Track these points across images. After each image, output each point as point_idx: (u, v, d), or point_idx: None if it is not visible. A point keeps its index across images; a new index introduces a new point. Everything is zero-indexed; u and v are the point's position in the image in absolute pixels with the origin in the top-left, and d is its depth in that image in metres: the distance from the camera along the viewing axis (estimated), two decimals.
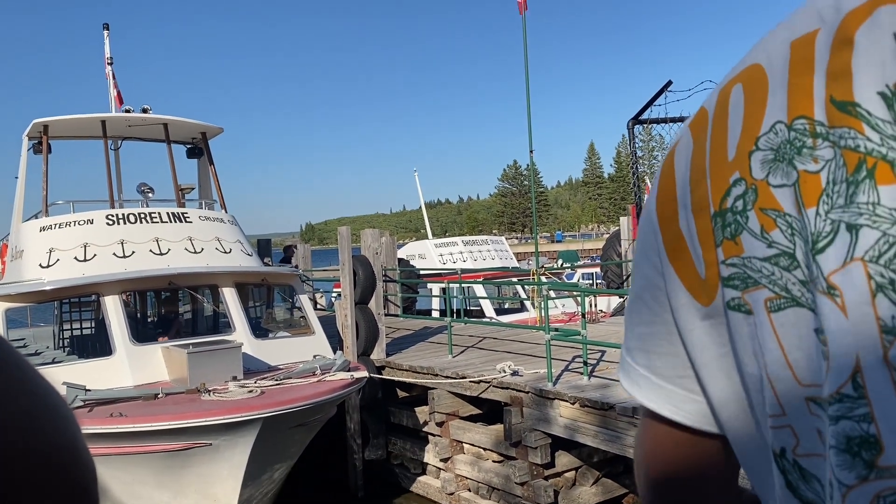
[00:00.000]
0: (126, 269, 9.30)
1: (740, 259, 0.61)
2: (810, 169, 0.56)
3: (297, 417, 7.70)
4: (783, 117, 0.58)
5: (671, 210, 0.68)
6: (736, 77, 0.64)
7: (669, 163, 0.70)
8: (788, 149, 0.57)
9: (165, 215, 10.05)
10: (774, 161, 0.58)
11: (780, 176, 0.58)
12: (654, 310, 0.71)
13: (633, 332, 0.75)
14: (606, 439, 7.75)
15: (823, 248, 0.55)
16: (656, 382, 0.73)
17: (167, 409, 7.40)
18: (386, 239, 15.88)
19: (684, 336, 0.69)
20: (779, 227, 0.58)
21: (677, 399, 0.72)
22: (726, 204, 0.61)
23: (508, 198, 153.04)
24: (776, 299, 0.58)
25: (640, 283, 0.73)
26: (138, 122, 11.16)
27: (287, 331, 10.67)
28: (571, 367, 9.20)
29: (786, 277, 0.58)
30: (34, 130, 10.75)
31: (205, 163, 12.24)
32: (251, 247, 11.17)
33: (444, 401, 9.93)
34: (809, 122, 0.56)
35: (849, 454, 0.54)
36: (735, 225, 0.61)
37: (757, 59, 0.63)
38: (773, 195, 0.58)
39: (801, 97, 0.57)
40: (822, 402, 0.56)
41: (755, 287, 0.60)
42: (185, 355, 8.22)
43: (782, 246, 0.58)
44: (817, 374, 0.56)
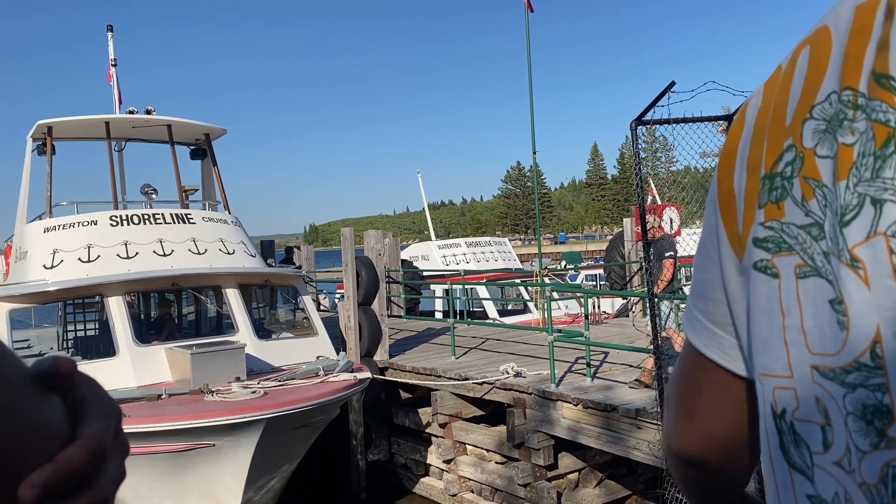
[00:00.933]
0: (130, 270, 9.31)
1: (779, 224, 0.62)
2: (847, 141, 0.56)
3: (301, 418, 7.70)
4: (836, 87, 0.58)
5: (730, 163, 0.69)
6: (806, 39, 0.64)
7: (740, 118, 0.71)
8: (834, 120, 0.57)
9: (169, 216, 10.06)
10: (825, 132, 0.58)
11: (825, 147, 0.58)
12: (713, 256, 0.73)
13: (697, 278, 0.77)
14: (609, 441, 7.74)
15: (849, 220, 0.55)
16: (708, 327, 0.74)
17: (170, 410, 7.41)
18: (389, 240, 15.88)
19: (726, 286, 0.71)
20: (816, 197, 0.58)
21: (726, 344, 0.73)
22: (777, 168, 0.62)
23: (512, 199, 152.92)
24: (804, 267, 0.59)
25: (705, 231, 0.75)
26: (142, 123, 11.17)
27: (290, 332, 10.67)
28: (574, 369, 9.20)
29: (813, 247, 0.59)
30: (38, 132, 10.77)
31: (208, 164, 12.26)
32: (255, 248, 11.17)
33: (447, 402, 9.92)
34: (854, 94, 0.56)
35: (864, 421, 0.55)
36: (781, 190, 0.62)
37: (826, 22, 0.62)
38: (817, 165, 0.59)
39: (852, 67, 0.57)
40: (826, 371, 0.57)
41: (788, 252, 0.61)
42: (188, 356, 8.23)
43: (816, 216, 0.58)
44: (826, 343, 0.57)
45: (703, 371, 0.77)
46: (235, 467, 7.51)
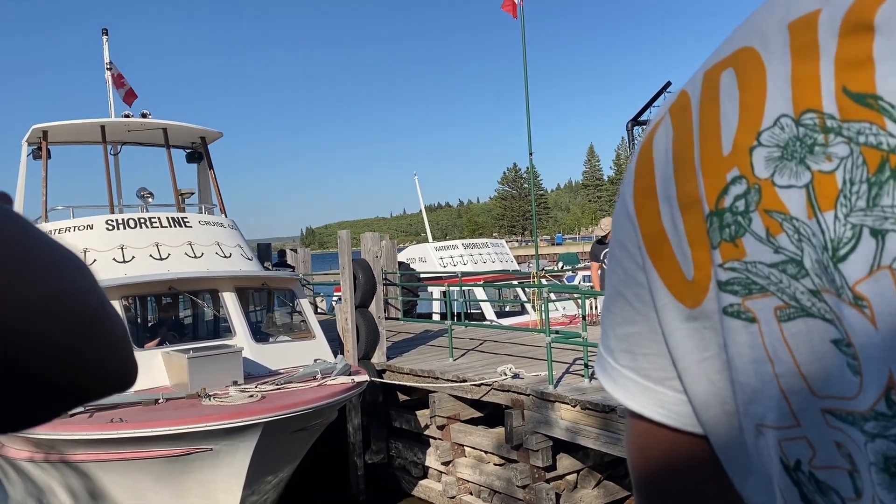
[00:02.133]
0: (126, 274, 9.30)
1: (742, 263, 0.56)
2: (824, 168, 0.51)
3: (298, 422, 7.69)
4: (788, 110, 0.53)
5: (651, 203, 0.63)
6: (725, 60, 0.59)
7: (647, 150, 0.64)
8: (798, 146, 0.52)
9: (165, 220, 10.05)
10: (781, 159, 0.53)
11: (787, 176, 0.53)
12: (637, 308, 0.66)
13: (615, 331, 0.69)
14: (608, 441, 7.74)
15: (845, 255, 0.50)
16: (643, 384, 0.67)
17: (168, 415, 7.39)
18: (386, 242, 15.86)
19: (667, 337, 0.64)
20: (785, 231, 0.53)
21: (667, 401, 0.66)
22: (724, 203, 0.56)
23: (508, 201, 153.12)
24: (785, 308, 0.54)
25: (620, 277, 0.67)
26: (138, 126, 11.16)
27: (287, 335, 10.67)
28: (572, 370, 9.20)
29: (794, 286, 0.53)
30: (33, 136, 10.76)
31: (204, 167, 12.25)
32: (251, 251, 11.16)
33: (445, 404, 9.91)
34: (819, 116, 0.52)
35: (887, 474, 0.50)
36: (735, 226, 0.56)
37: (749, 42, 0.57)
38: (779, 196, 0.53)
39: (807, 88, 0.52)
40: (843, 414, 0.53)
41: (761, 294, 0.55)
42: (185, 360, 8.21)
43: (789, 252, 0.53)
44: (837, 385, 0.52)
45: (650, 436, 0.70)
46: (233, 471, 7.49)
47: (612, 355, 0.70)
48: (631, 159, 0.68)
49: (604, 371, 0.72)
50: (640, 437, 0.71)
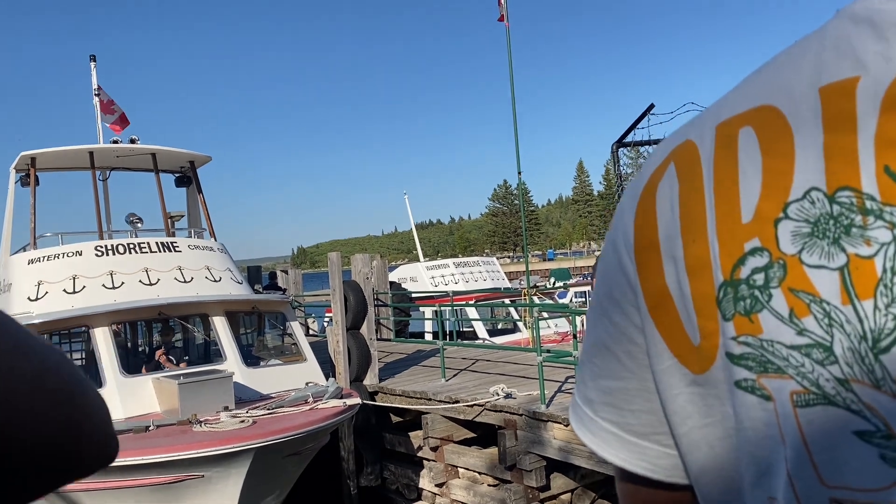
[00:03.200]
0: (116, 300, 9.27)
1: (757, 340, 0.53)
2: (862, 253, 0.48)
3: (290, 446, 7.66)
4: (820, 184, 0.50)
5: (654, 260, 0.59)
6: (742, 116, 0.56)
7: (649, 200, 0.61)
8: (832, 225, 0.49)
9: (155, 245, 10.04)
10: (811, 236, 0.50)
11: (818, 255, 0.50)
12: (627, 364, 0.63)
13: (597, 384, 0.66)
14: (601, 460, 7.70)
15: (888, 347, 0.47)
16: (628, 440, 0.65)
17: (158, 442, 7.35)
18: (377, 263, 15.87)
19: (665, 401, 0.61)
20: (813, 314, 0.50)
21: (653, 455, 0.65)
22: (740, 273, 0.53)
23: (500, 217, 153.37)
24: (804, 394, 0.51)
25: (608, 331, 0.64)
26: (126, 152, 11.17)
27: (279, 358, 10.63)
28: (564, 388, 9.19)
29: (818, 372, 0.50)
30: (22, 163, 10.75)
31: (193, 191, 12.25)
32: (241, 274, 11.15)
33: (438, 425, 9.89)
34: (857, 196, 0.48)
35: None
36: (752, 300, 0.53)
37: (770, 101, 0.54)
38: (808, 276, 0.50)
39: (843, 163, 0.49)
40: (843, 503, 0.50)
41: (777, 375, 0.52)
42: (175, 386, 8.18)
43: (817, 336, 0.50)
44: (856, 476, 0.50)
45: (634, 492, 0.69)
46: (225, 498, 7.45)
47: (591, 406, 0.68)
48: (627, 203, 0.64)
49: (580, 422, 0.70)
50: (629, 493, 0.70)
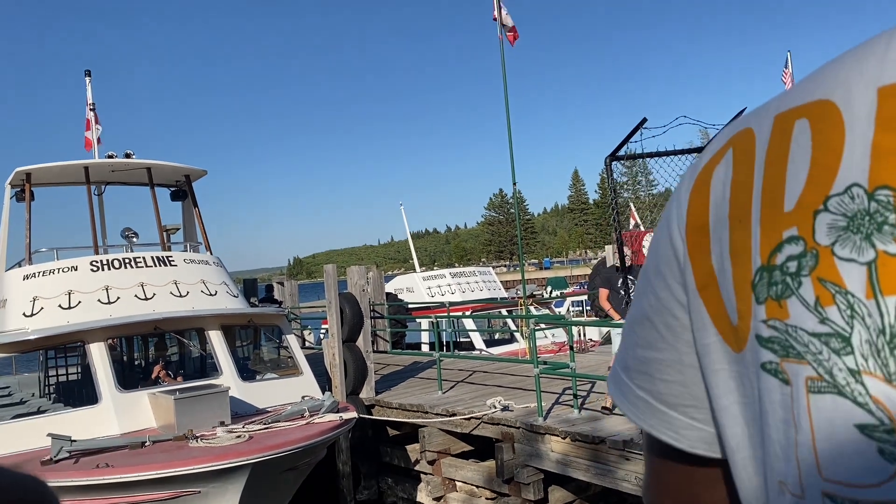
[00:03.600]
0: (111, 315, 9.25)
1: (783, 324, 0.54)
2: (891, 251, 0.49)
3: (287, 461, 7.63)
4: (863, 181, 0.51)
5: (704, 242, 0.61)
6: (800, 108, 0.57)
7: (704, 183, 0.62)
8: (867, 221, 0.51)
9: (150, 259, 10.03)
10: (846, 230, 0.51)
11: (849, 248, 0.51)
12: (666, 337, 0.65)
13: (635, 352, 0.69)
14: (598, 473, 7.72)
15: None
16: (658, 408, 0.67)
17: (154, 458, 7.32)
18: (373, 274, 15.87)
19: (707, 375, 0.62)
20: (837, 304, 0.51)
21: (679, 425, 0.67)
22: (776, 260, 0.55)
23: (496, 226, 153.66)
24: (818, 381, 0.52)
25: (651, 303, 0.66)
26: (121, 167, 11.17)
27: (275, 372, 10.61)
28: (562, 400, 9.19)
29: (833, 361, 0.51)
30: (16, 178, 10.74)
31: (189, 205, 12.25)
32: (237, 287, 11.14)
33: (436, 438, 9.87)
34: (895, 195, 0.50)
35: None
36: (783, 286, 0.54)
37: (829, 96, 0.55)
38: (837, 268, 0.51)
39: (887, 162, 0.50)
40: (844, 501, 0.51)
41: (797, 360, 0.54)
42: (171, 401, 8.15)
43: (837, 326, 0.51)
44: (851, 471, 0.51)
45: (661, 456, 0.71)
46: None
47: (627, 373, 0.70)
48: (684, 184, 0.66)
49: (617, 387, 0.72)
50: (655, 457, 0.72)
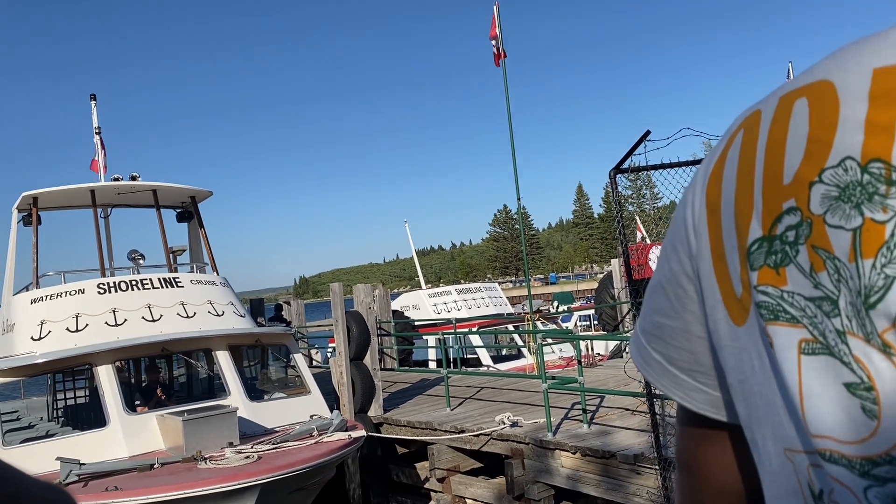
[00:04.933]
0: (119, 337, 9.25)
1: (778, 290, 0.57)
2: (878, 218, 0.52)
3: (296, 482, 7.60)
4: (856, 154, 0.53)
5: (716, 220, 0.64)
6: (801, 89, 0.59)
7: (720, 165, 0.65)
8: (858, 191, 0.53)
9: (157, 281, 10.04)
10: (837, 200, 0.54)
11: (839, 216, 0.54)
12: (675, 306, 0.70)
13: (652, 317, 0.74)
14: (609, 488, 7.66)
15: (874, 303, 0.51)
16: (670, 370, 0.73)
17: (163, 480, 7.29)
18: (379, 292, 15.87)
19: (718, 349, 0.66)
20: (827, 269, 0.54)
21: (687, 387, 0.72)
22: (776, 230, 0.58)
23: (500, 242, 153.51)
24: (812, 342, 0.55)
25: (666, 274, 0.71)
26: (127, 189, 11.22)
27: (283, 391, 10.58)
28: (571, 415, 9.14)
29: (825, 324, 0.54)
30: (23, 203, 10.79)
31: (195, 226, 12.28)
32: (244, 307, 11.13)
33: (445, 456, 9.82)
34: (886, 168, 0.52)
35: None
36: (782, 255, 0.57)
37: (828, 76, 0.57)
38: (827, 235, 0.54)
39: (879, 136, 0.52)
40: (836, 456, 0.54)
41: (788, 323, 0.56)
42: (180, 423, 8.13)
43: (828, 290, 0.54)
44: (838, 427, 0.53)
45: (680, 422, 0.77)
46: None
47: (645, 336, 0.76)
48: (703, 167, 0.69)
49: (636, 349, 0.78)
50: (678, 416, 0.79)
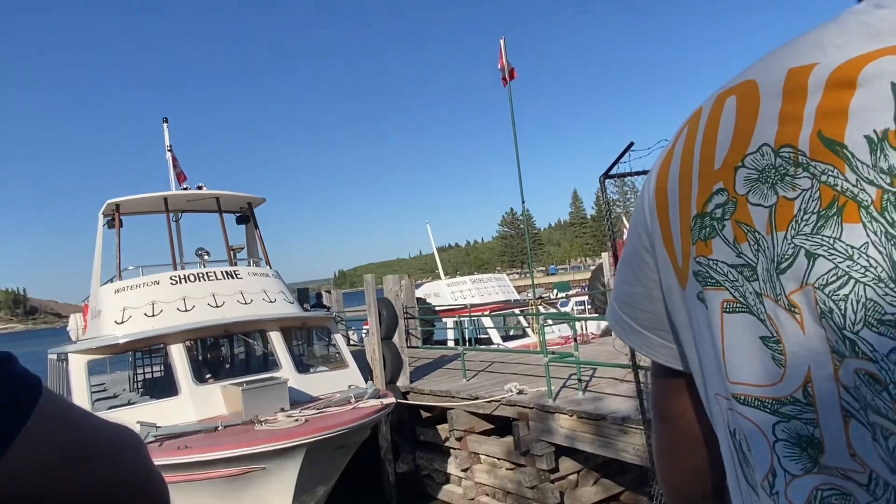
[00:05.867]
0: (188, 321, 9.34)
1: (706, 259, 0.58)
2: (788, 196, 0.52)
3: (337, 441, 7.64)
4: (771, 141, 0.54)
5: (664, 200, 0.64)
6: (732, 88, 0.59)
7: (670, 154, 0.65)
8: (773, 174, 0.53)
9: (220, 274, 10.11)
10: (757, 182, 0.54)
11: (758, 195, 0.54)
12: (638, 276, 0.70)
13: (621, 287, 0.75)
14: (602, 445, 7.63)
15: (784, 269, 0.52)
16: (637, 329, 0.73)
17: (226, 440, 7.35)
18: (405, 282, 15.86)
19: (671, 312, 0.67)
20: (748, 241, 0.55)
21: (653, 343, 0.72)
22: (707, 208, 0.58)
23: (508, 240, 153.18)
24: (733, 303, 0.56)
25: (629, 250, 0.72)
26: (195, 197, 11.30)
27: (325, 365, 10.63)
28: (568, 385, 9.11)
29: (745, 287, 0.55)
30: (108, 209, 10.90)
31: (251, 228, 12.35)
32: (292, 295, 11.19)
33: (462, 419, 9.82)
34: (794, 152, 0.52)
35: (798, 448, 0.52)
36: (710, 229, 0.58)
37: (753, 76, 0.58)
38: (749, 211, 0.54)
39: (789, 126, 0.53)
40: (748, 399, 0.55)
41: (715, 287, 0.57)
42: (239, 392, 8.20)
43: (747, 258, 0.55)
44: (755, 375, 0.54)
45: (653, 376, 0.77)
46: (284, 486, 7.42)
47: (617, 303, 0.76)
48: (658, 160, 0.69)
49: (611, 314, 0.78)
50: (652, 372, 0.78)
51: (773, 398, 0.53)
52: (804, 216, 0.51)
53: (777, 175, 0.53)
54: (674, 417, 0.75)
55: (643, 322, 0.72)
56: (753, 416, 0.55)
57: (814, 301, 0.50)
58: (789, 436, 0.53)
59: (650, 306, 0.70)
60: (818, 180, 0.51)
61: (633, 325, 0.74)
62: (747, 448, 0.56)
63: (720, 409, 0.60)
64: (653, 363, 0.76)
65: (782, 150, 0.53)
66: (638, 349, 0.75)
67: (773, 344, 0.53)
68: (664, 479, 0.79)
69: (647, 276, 0.69)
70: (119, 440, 0.52)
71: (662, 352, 0.72)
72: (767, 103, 0.55)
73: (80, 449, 0.47)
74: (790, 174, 0.52)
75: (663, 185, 0.65)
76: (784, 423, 0.53)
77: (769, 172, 0.53)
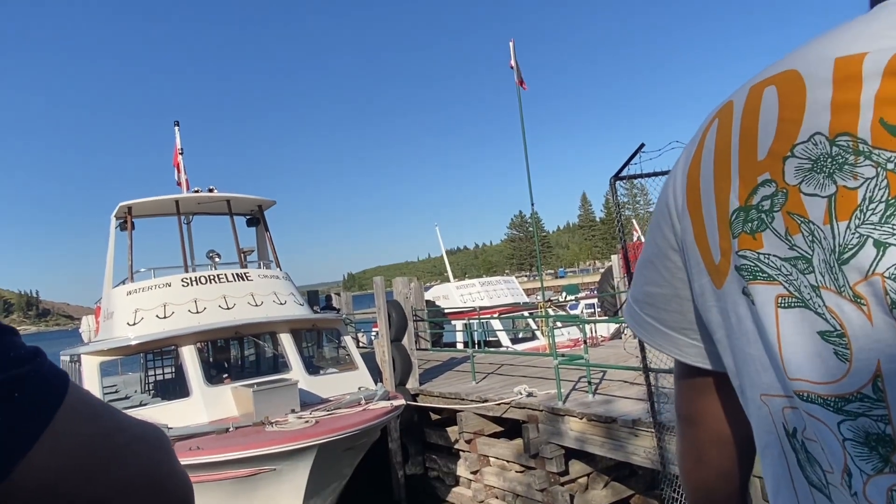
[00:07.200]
0: (199, 322, 9.37)
1: (755, 254, 0.56)
2: (850, 185, 0.50)
3: (347, 442, 7.64)
4: (824, 130, 0.52)
5: (697, 197, 0.62)
6: (770, 79, 0.57)
7: (699, 151, 0.63)
8: (829, 163, 0.51)
9: (231, 276, 10.15)
10: (811, 171, 0.52)
11: (813, 185, 0.52)
12: (665, 276, 0.69)
13: (643, 289, 0.72)
14: (612, 448, 7.60)
15: (848, 259, 0.50)
16: (663, 330, 0.71)
17: (237, 441, 7.37)
18: (414, 284, 15.87)
19: (704, 312, 0.65)
20: (802, 232, 0.53)
21: (681, 344, 0.71)
22: (752, 201, 0.56)
23: (517, 242, 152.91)
24: (788, 297, 0.53)
25: (653, 250, 0.70)
26: (206, 200, 11.35)
27: (335, 367, 10.65)
28: (578, 387, 9.08)
29: (800, 280, 0.53)
30: (120, 211, 10.97)
31: (262, 230, 12.38)
32: (302, 297, 11.22)
33: (471, 421, 9.81)
34: (853, 140, 0.50)
35: (867, 447, 0.50)
36: (758, 222, 0.55)
37: (794, 66, 0.56)
38: (803, 202, 0.52)
39: (845, 114, 0.51)
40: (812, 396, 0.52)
41: (767, 281, 0.55)
42: (250, 393, 8.22)
43: (802, 250, 0.53)
44: (817, 372, 0.52)
45: (678, 376, 0.75)
46: (294, 487, 7.43)
47: (638, 305, 0.74)
48: (683, 154, 0.67)
49: (631, 317, 0.76)
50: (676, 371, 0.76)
51: (837, 395, 0.51)
52: (870, 205, 0.49)
53: (834, 164, 0.51)
54: (702, 418, 0.73)
55: (669, 323, 0.71)
56: (817, 413, 0.53)
57: (882, 291, 0.48)
58: (856, 434, 0.51)
59: (678, 306, 0.69)
60: (884, 168, 0.49)
61: (657, 327, 0.72)
62: (818, 447, 0.54)
63: (770, 408, 0.58)
64: (676, 364, 0.74)
65: (839, 138, 0.51)
66: (663, 350, 0.73)
67: (836, 338, 0.51)
68: (688, 480, 0.77)
69: (675, 276, 0.68)
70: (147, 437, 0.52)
71: (691, 352, 0.71)
72: (816, 92, 0.53)
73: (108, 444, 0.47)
74: (849, 163, 0.50)
75: (695, 180, 0.63)
76: (850, 420, 0.51)
77: (824, 161, 0.52)
